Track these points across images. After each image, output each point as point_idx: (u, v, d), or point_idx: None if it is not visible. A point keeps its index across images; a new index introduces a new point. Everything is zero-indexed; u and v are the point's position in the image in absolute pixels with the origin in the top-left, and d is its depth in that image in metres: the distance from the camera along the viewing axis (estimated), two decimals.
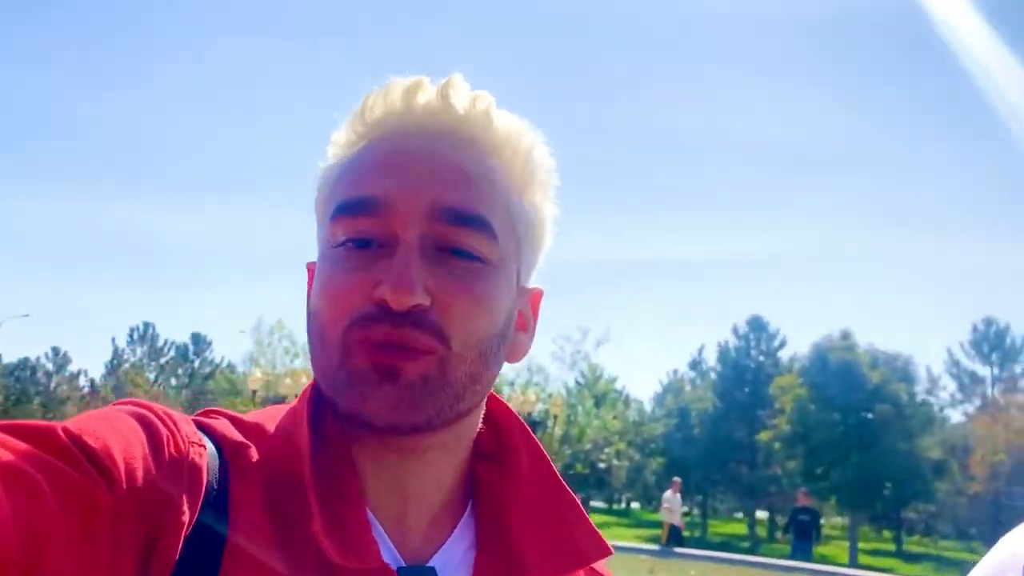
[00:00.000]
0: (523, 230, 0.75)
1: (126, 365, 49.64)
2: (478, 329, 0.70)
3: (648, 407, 45.32)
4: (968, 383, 34.79)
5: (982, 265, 52.04)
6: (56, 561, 0.52)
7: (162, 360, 52.11)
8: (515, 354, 0.78)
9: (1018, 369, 34.50)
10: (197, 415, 0.72)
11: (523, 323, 0.79)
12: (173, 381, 50.46)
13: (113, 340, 51.32)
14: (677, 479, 18.51)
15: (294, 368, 29.05)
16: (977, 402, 33.38)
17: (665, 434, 37.72)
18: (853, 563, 26.63)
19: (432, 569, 0.71)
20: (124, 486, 0.58)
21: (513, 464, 0.79)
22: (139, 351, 51.72)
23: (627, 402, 42.60)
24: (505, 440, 0.80)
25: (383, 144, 0.72)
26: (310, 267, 0.78)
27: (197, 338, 53.37)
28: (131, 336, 51.75)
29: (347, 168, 0.73)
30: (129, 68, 60.90)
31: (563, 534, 0.77)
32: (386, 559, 0.68)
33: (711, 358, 42.65)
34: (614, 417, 35.01)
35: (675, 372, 46.09)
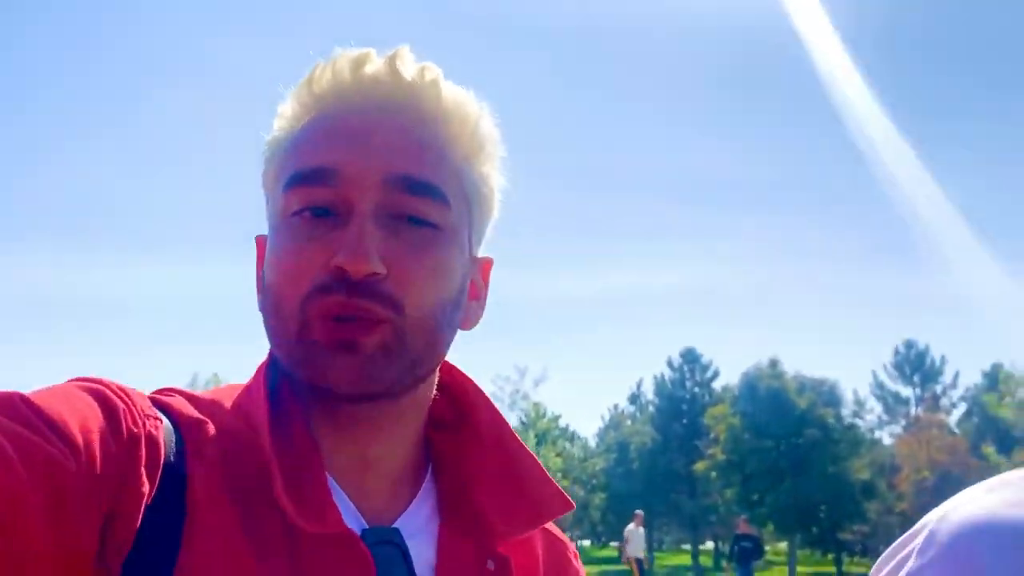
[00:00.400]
0: (474, 199, 0.77)
1: None
2: (432, 296, 0.71)
3: (593, 443, 45.84)
4: (892, 404, 36.06)
5: (902, 290, 54.13)
6: (28, 527, 0.52)
7: None
8: (468, 321, 0.79)
9: (938, 389, 35.89)
10: (153, 393, 0.72)
11: (475, 292, 0.80)
12: None
13: None
14: (639, 512, 18.62)
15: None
16: (902, 422, 34.55)
17: (606, 469, 38.21)
18: None
19: (396, 530, 0.73)
20: (83, 457, 0.58)
21: (470, 429, 0.80)
22: None
23: (572, 439, 43.07)
24: (462, 406, 0.82)
25: (333, 114, 0.73)
26: (260, 240, 0.79)
27: None
28: None
29: (298, 139, 0.74)
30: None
31: (523, 493, 0.78)
32: (350, 523, 0.69)
33: (649, 391, 43.48)
34: (557, 455, 35.38)
35: (616, 407, 46.79)
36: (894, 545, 0.87)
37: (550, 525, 0.85)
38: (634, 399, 45.63)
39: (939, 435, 30.11)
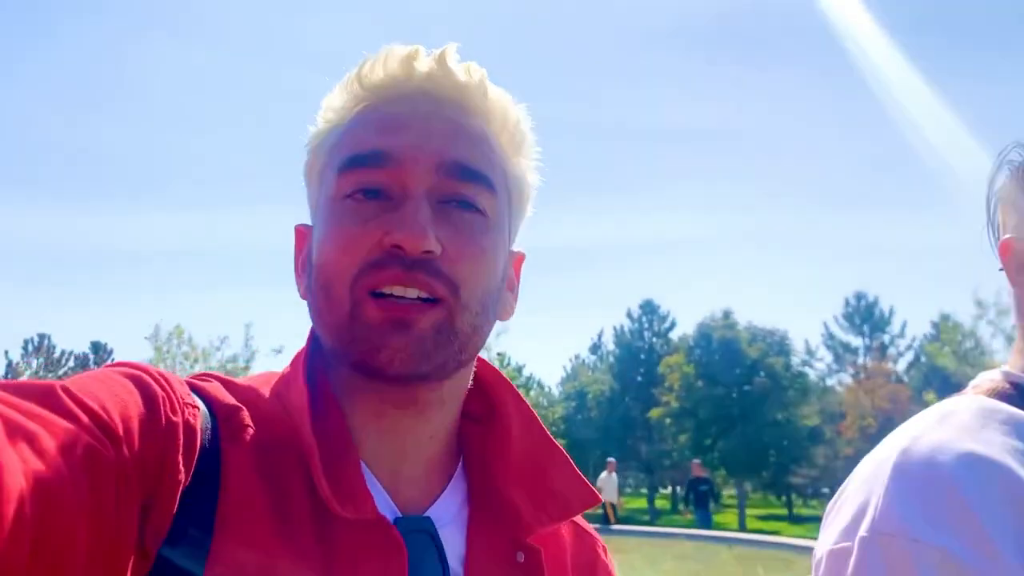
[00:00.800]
0: (513, 193, 0.79)
1: (22, 378, 48.41)
2: (482, 281, 0.72)
3: (556, 392, 46.71)
4: (842, 353, 37.16)
5: (855, 241, 55.24)
6: (67, 519, 0.51)
7: (60, 371, 50.97)
8: (505, 312, 0.80)
9: (886, 339, 37.02)
10: (190, 378, 0.73)
11: (509, 283, 0.81)
12: None
13: (6, 353, 49.97)
14: (612, 460, 19.16)
15: (194, 373, 28.95)
16: (851, 371, 35.67)
17: (565, 416, 39.08)
18: (742, 528, 28.31)
19: (428, 519, 0.73)
20: (124, 446, 0.57)
21: (502, 423, 0.81)
22: (35, 363, 50.48)
23: (540, 387, 43.88)
24: (494, 400, 0.82)
25: (388, 105, 0.75)
26: (300, 230, 0.81)
27: (97, 347, 52.34)
28: (25, 348, 50.46)
29: (352, 127, 0.76)
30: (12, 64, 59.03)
31: (551, 487, 0.79)
32: (382, 511, 0.69)
33: (610, 342, 44.36)
34: None
35: (577, 356, 47.65)
36: (851, 486, 0.88)
37: (579, 519, 0.87)
38: (595, 349, 46.54)
39: (883, 383, 31.17)
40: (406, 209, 0.69)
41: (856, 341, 37.16)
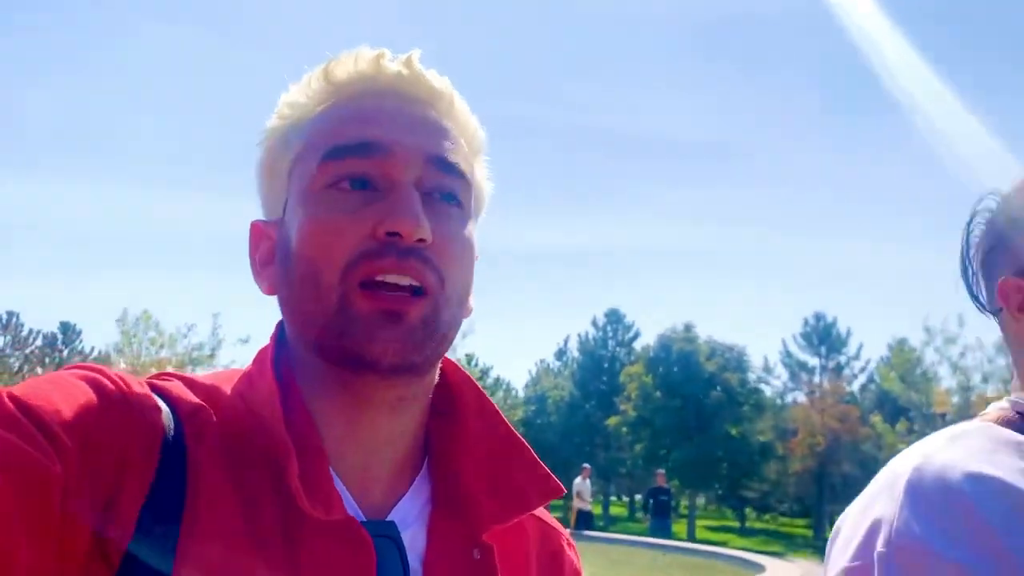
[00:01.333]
0: (477, 196, 0.81)
1: None
2: (463, 274, 0.74)
3: (522, 395, 47.34)
4: (798, 372, 38.00)
5: (819, 262, 56.26)
6: (5, 541, 0.50)
7: (27, 350, 50.83)
8: (469, 309, 0.78)
9: (842, 360, 37.93)
10: (150, 378, 0.72)
11: None
12: (40, 372, 49.35)
13: None
14: (587, 466, 19.24)
15: (160, 358, 29.49)
16: (805, 390, 36.52)
17: (524, 419, 39.68)
18: (691, 538, 29.02)
19: (392, 524, 0.73)
20: (76, 454, 0.56)
21: (464, 417, 0.80)
22: (1, 341, 50.36)
23: (508, 390, 44.46)
24: (456, 395, 0.82)
25: (361, 99, 0.76)
26: (257, 226, 0.80)
27: (66, 327, 52.25)
28: None
29: (326, 119, 0.75)
30: None
31: (511, 479, 0.78)
32: (348, 511, 0.69)
33: (575, 348, 45.03)
34: None
35: (542, 361, 48.32)
36: (860, 504, 0.89)
37: (544, 513, 0.86)
38: (560, 355, 47.19)
39: (834, 403, 32.02)
40: (399, 197, 0.70)
41: (813, 361, 37.97)
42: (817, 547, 26.68)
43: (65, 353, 51.84)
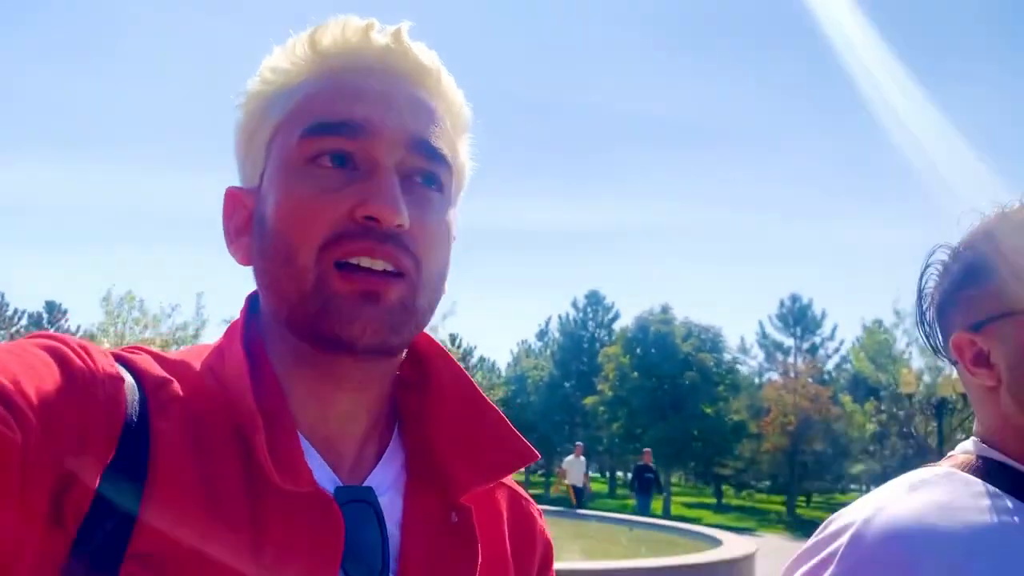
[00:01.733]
0: (457, 175, 0.80)
1: None
2: (440, 258, 0.74)
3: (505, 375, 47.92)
4: (773, 352, 38.70)
5: (800, 244, 56.89)
6: None
7: (12, 329, 50.98)
8: (443, 292, 0.78)
9: (817, 341, 38.64)
10: (119, 350, 0.71)
11: None
12: None
13: None
14: (579, 443, 19.45)
15: (144, 338, 29.74)
16: (780, 370, 37.20)
17: (504, 399, 40.24)
18: (666, 515, 29.70)
19: (369, 489, 0.73)
20: (35, 423, 0.56)
21: (435, 388, 0.80)
22: None
23: (492, 369, 45.01)
24: (427, 366, 0.82)
25: (347, 74, 0.74)
26: (232, 192, 0.79)
27: (52, 306, 52.40)
28: None
29: (310, 91, 0.74)
30: None
31: (485, 446, 0.79)
32: (322, 482, 0.69)
33: (556, 329, 45.63)
34: None
35: (524, 342, 48.88)
36: (809, 545, 0.93)
37: (513, 483, 0.88)
38: (542, 335, 47.77)
39: (804, 383, 32.68)
40: (379, 181, 0.69)
41: (788, 341, 38.69)
42: (788, 523, 27.38)
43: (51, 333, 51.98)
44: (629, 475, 32.08)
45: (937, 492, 0.92)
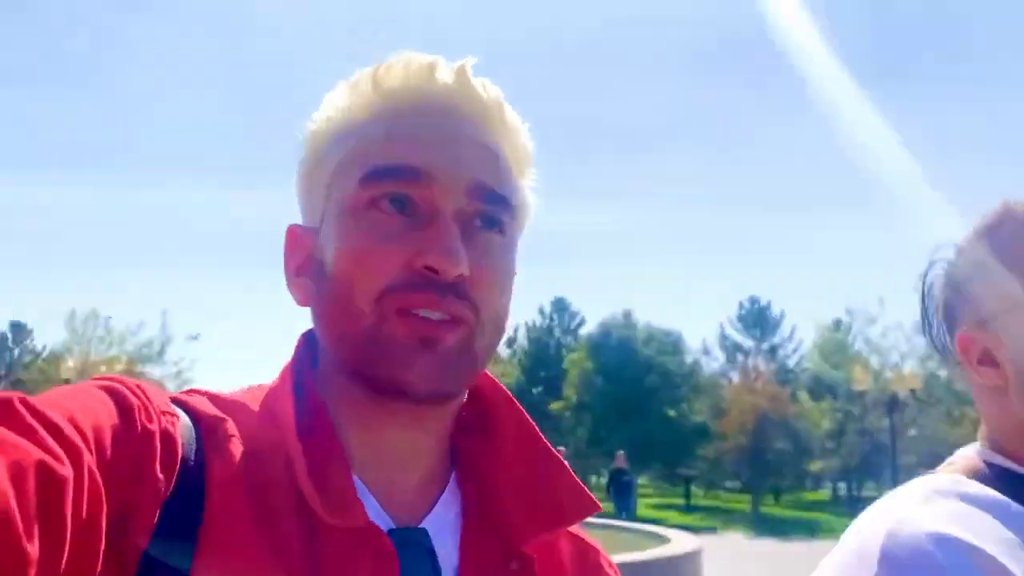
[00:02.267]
0: (520, 213, 0.79)
1: None
2: (500, 304, 0.74)
3: None
4: (733, 353, 39.54)
5: (755, 246, 57.73)
6: (11, 540, 0.49)
7: None
8: (504, 331, 0.78)
9: (777, 341, 39.54)
10: (177, 394, 0.72)
11: None
12: None
13: None
14: (562, 448, 19.82)
15: (110, 356, 29.96)
16: (740, 371, 38.03)
17: None
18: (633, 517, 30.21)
19: (424, 531, 0.72)
20: (91, 459, 0.56)
21: (497, 433, 0.79)
22: None
23: None
24: (488, 408, 0.81)
25: (410, 116, 0.74)
26: (294, 231, 0.79)
27: (16, 326, 52.14)
28: None
29: (373, 133, 0.74)
30: None
31: (547, 495, 0.77)
32: (376, 521, 0.68)
33: (523, 337, 46.28)
34: None
35: None
36: (834, 564, 0.91)
37: (580, 531, 0.85)
38: (510, 343, 48.39)
39: (763, 383, 33.46)
40: (439, 231, 0.70)
41: (748, 343, 39.55)
42: (752, 520, 28.02)
43: (16, 352, 51.75)
44: (598, 479, 32.69)
45: (951, 503, 0.92)
